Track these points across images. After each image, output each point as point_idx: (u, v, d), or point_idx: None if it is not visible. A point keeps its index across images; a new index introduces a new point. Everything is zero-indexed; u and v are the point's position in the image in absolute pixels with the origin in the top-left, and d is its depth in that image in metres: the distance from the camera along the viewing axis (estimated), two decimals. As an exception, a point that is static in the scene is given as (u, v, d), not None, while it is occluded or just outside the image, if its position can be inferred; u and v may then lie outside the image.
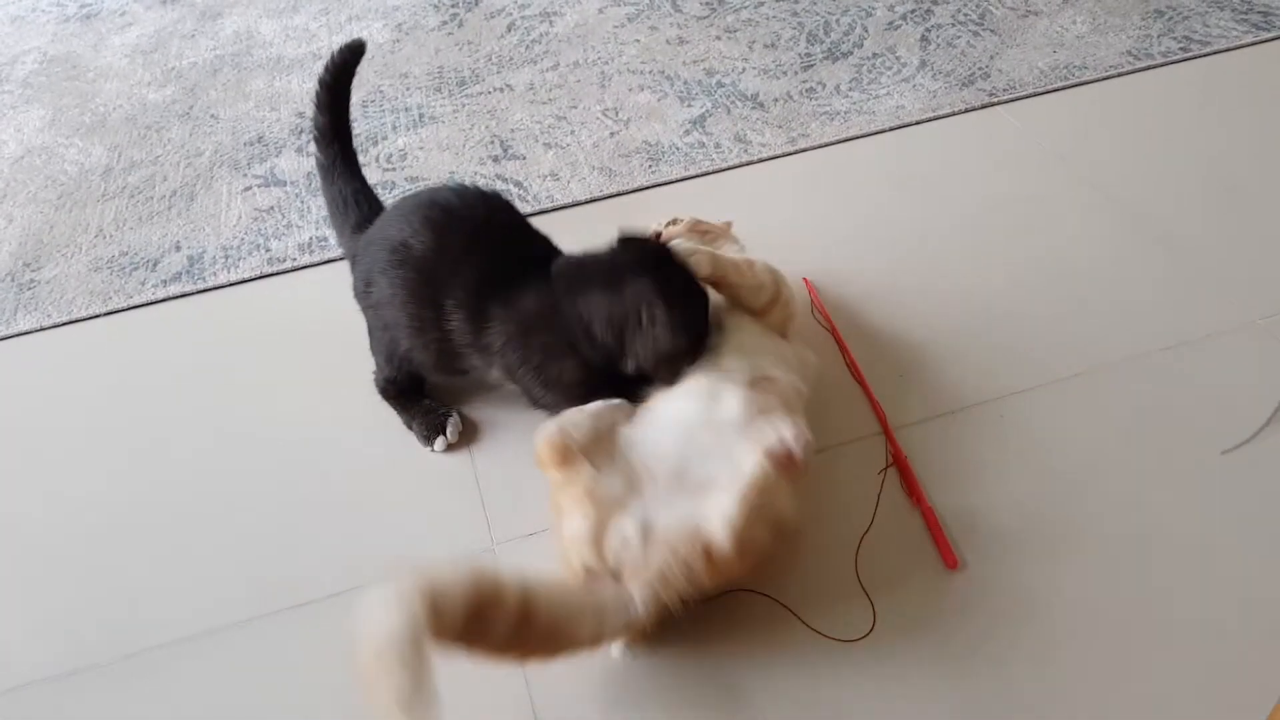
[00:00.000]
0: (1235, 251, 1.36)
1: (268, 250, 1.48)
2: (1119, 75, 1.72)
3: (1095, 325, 1.27)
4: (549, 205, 1.52)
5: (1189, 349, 1.23)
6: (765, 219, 1.46)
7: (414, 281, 1.07)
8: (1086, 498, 1.08)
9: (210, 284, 1.43)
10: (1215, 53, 1.75)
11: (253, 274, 1.44)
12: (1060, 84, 1.70)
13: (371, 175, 1.60)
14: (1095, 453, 1.12)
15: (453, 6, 2.08)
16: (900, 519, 1.07)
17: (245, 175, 1.64)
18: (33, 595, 1.09)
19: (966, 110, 1.67)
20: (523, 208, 1.51)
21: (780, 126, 1.65)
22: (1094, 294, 1.31)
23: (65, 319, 1.40)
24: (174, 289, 1.43)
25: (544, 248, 1.12)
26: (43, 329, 1.39)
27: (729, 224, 1.33)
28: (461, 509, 1.11)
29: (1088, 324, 1.27)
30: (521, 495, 1.12)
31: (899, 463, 1.12)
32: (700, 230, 1.27)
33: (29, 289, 1.45)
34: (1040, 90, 1.69)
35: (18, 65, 2.00)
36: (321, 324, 1.36)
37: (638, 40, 1.89)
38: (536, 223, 1.15)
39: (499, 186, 1.56)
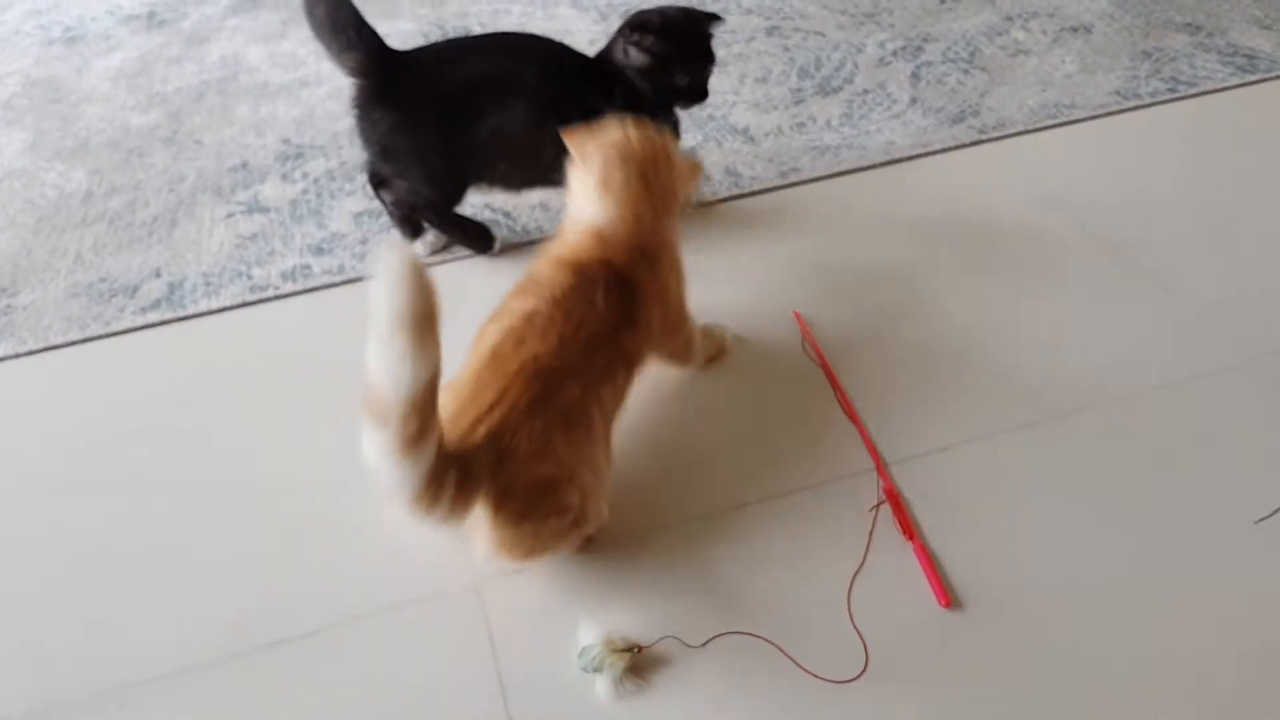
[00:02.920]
0: (1224, 290, 1.35)
1: (250, 278, 1.45)
2: (1107, 114, 1.73)
3: (1087, 363, 1.26)
4: (537, 236, 1.51)
5: (1181, 388, 1.22)
6: (755, 252, 1.46)
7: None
8: (1082, 538, 1.06)
9: (190, 311, 1.40)
10: (1202, 94, 1.77)
11: (234, 302, 1.41)
12: (1049, 122, 1.71)
13: (356, 204, 1.59)
14: (1091, 492, 1.11)
15: (442, 36, 2.07)
16: (893, 557, 1.05)
17: (228, 202, 1.62)
18: (3, 628, 1.05)
19: (957, 147, 1.67)
20: (510, 238, 1.50)
21: (771, 160, 1.64)
22: (1084, 332, 1.31)
23: (41, 346, 1.37)
24: (153, 316, 1.40)
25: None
26: (17, 356, 1.36)
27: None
28: (443, 542, 1.08)
29: (1079, 361, 1.27)
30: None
31: (891, 499, 1.10)
32: None
33: (4, 315, 1.42)
34: (1030, 128, 1.70)
35: (0, 87, 1.98)
36: (303, 353, 1.34)
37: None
38: (525, 253, 1.22)
39: (486, 216, 1.54)
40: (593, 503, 1.02)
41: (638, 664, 0.97)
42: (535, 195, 1.57)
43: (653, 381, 1.26)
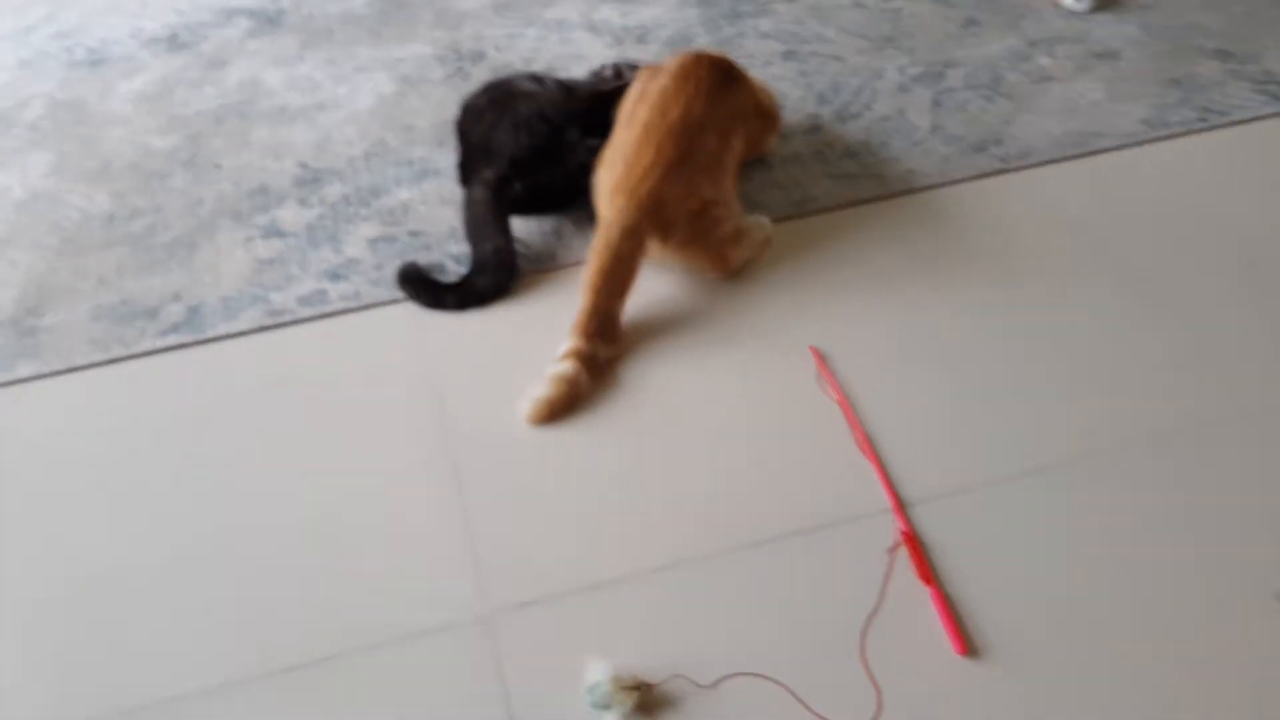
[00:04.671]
0: (1256, 330, 1.33)
1: (268, 302, 1.46)
2: (1135, 144, 1.71)
3: (1111, 403, 1.25)
4: (550, 265, 1.51)
5: (1209, 430, 1.20)
6: (769, 283, 1.45)
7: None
8: (1105, 588, 1.04)
9: (209, 335, 1.41)
10: (1234, 123, 1.74)
11: (252, 326, 1.42)
12: (1074, 151, 1.69)
13: (372, 230, 1.59)
14: (1114, 539, 1.09)
15: (457, 60, 2.08)
16: (909, 601, 1.04)
17: (246, 225, 1.62)
18: (25, 645, 1.07)
19: (979, 176, 1.65)
20: (544, 264, 1.50)
21: (784, 188, 1.63)
22: (1109, 370, 1.29)
23: (65, 367, 1.38)
24: (172, 339, 1.41)
25: None
26: (42, 376, 1.38)
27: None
28: (451, 570, 1.09)
29: (1103, 401, 1.25)
30: (523, 556, 1.11)
31: (908, 542, 1.09)
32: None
33: (30, 335, 1.44)
34: (1054, 158, 1.68)
35: (25, 110, 2.00)
36: (319, 379, 1.35)
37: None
38: (542, 279, 1.44)
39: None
40: (739, 219, 1.42)
41: (646, 702, 0.97)
42: (550, 223, 1.57)
43: (669, 415, 1.26)
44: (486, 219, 1.47)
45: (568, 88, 1.54)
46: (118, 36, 2.27)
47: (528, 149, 1.48)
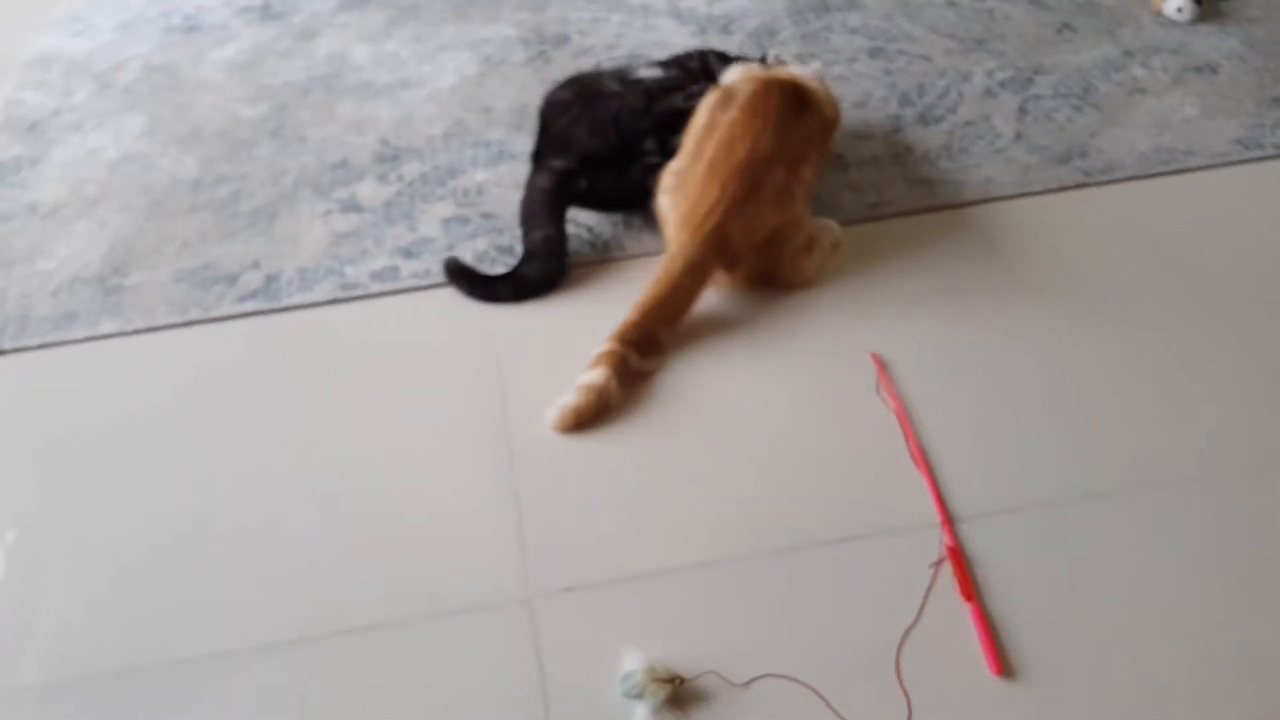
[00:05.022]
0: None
1: (342, 275, 1.49)
2: (1227, 164, 1.65)
3: (1177, 434, 1.21)
4: (619, 254, 1.52)
5: (1274, 470, 1.17)
6: (834, 286, 1.44)
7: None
8: (1151, 622, 1.02)
9: (284, 304, 1.45)
10: (1336, 146, 1.67)
11: (325, 298, 1.46)
12: (1162, 168, 1.64)
13: (446, 209, 1.62)
14: (1167, 573, 1.07)
15: (540, 43, 2.09)
16: (949, 617, 1.03)
17: (327, 198, 1.66)
18: (90, 594, 1.12)
19: (1060, 189, 1.62)
20: (588, 254, 1.52)
21: (859, 190, 1.62)
22: (1179, 400, 1.25)
23: (145, 326, 1.44)
24: (249, 306, 1.45)
25: None
26: (124, 334, 1.43)
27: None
28: (498, 550, 1.11)
29: (1168, 431, 1.22)
30: (569, 542, 1.12)
31: (953, 558, 1.08)
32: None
33: (115, 294, 1.49)
34: (1140, 174, 1.63)
35: (121, 71, 2.07)
36: (386, 354, 1.38)
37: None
38: (607, 269, 1.49)
39: (569, 229, 1.55)
40: (809, 228, 1.42)
41: (678, 695, 0.98)
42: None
43: (723, 413, 1.27)
44: (543, 206, 1.48)
45: (651, 95, 1.53)
46: (212, 4, 2.33)
47: (599, 150, 1.48)
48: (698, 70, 1.65)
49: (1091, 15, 2.07)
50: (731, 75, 1.52)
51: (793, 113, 1.40)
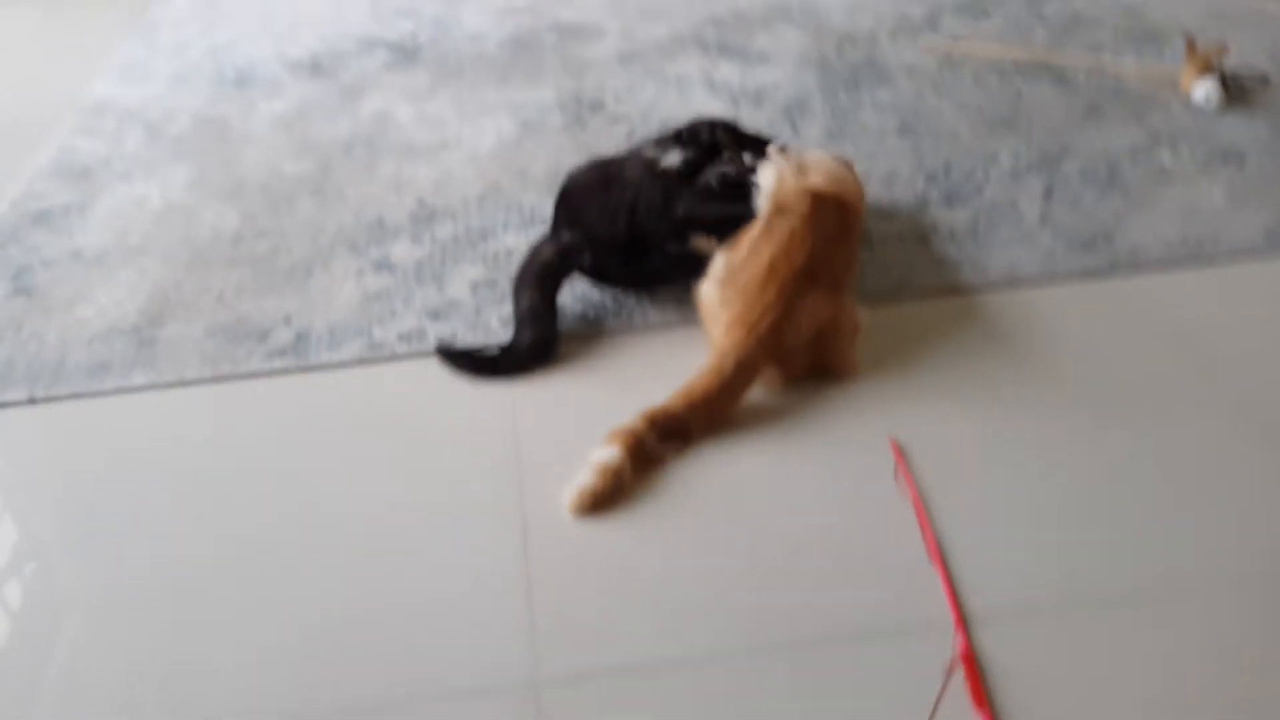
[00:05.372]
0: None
1: (370, 336, 1.53)
2: (1254, 257, 1.65)
3: (1197, 538, 1.20)
4: (641, 325, 1.54)
5: None
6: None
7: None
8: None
9: (313, 363, 1.48)
10: (1361, 241, 1.67)
11: (353, 358, 1.49)
12: (1188, 258, 1.64)
13: (475, 272, 1.66)
14: (1188, 688, 1.04)
15: (577, 108, 2.14)
16: (960, 723, 1.02)
17: (361, 257, 1.70)
18: (93, 649, 1.13)
19: (1084, 276, 1.62)
20: (612, 324, 1.54)
21: (883, 269, 1.63)
22: (1200, 500, 1.24)
23: (176, 380, 1.47)
24: (278, 364, 1.49)
25: None
26: (155, 387, 1.46)
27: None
28: (506, 631, 1.12)
29: (1188, 535, 1.20)
30: (578, 625, 1.12)
31: (967, 664, 1.06)
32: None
33: (149, 345, 1.53)
34: (1165, 263, 1.64)
35: (172, 122, 2.14)
36: (409, 417, 1.40)
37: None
38: (634, 340, 1.52)
39: (596, 298, 1.58)
40: (855, 318, 1.46)
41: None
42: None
43: (738, 498, 1.27)
44: (536, 275, 1.52)
45: (674, 192, 1.54)
46: (264, 57, 2.41)
47: (607, 235, 1.51)
48: (708, 143, 1.70)
49: (1119, 99, 2.09)
50: (767, 178, 1.54)
51: (844, 226, 1.48)
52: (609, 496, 1.26)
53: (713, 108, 2.12)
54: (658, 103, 2.15)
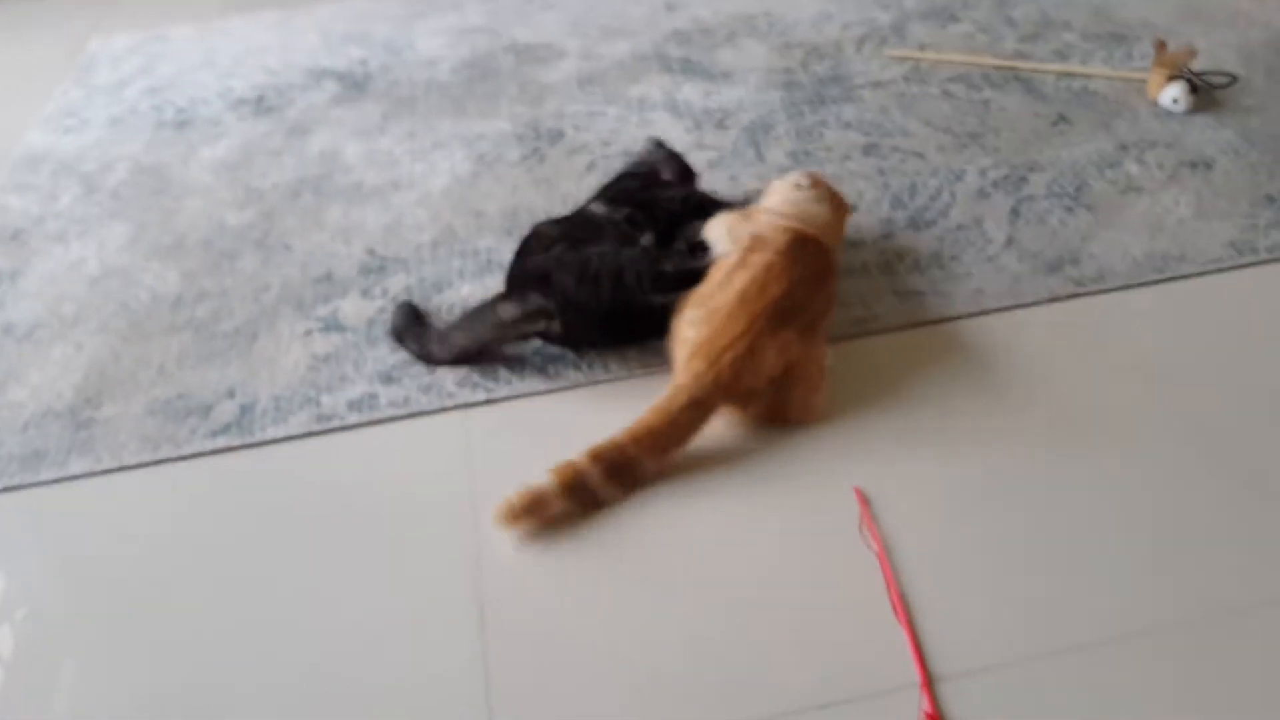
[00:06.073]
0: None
1: (318, 405, 1.47)
2: (1219, 270, 1.62)
3: (1162, 574, 1.17)
4: (603, 377, 1.49)
5: (1258, 616, 1.12)
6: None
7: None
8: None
9: (258, 439, 1.42)
10: (1329, 250, 1.64)
11: (300, 431, 1.43)
12: (1154, 276, 1.61)
13: (430, 328, 1.59)
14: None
15: (535, 139, 2.08)
16: (932, 801, 0.99)
17: (308, 317, 1.64)
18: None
19: (1050, 300, 1.58)
20: (574, 376, 1.49)
21: (845, 304, 1.59)
22: (1168, 537, 1.21)
23: (115, 465, 1.40)
24: (221, 441, 1.42)
25: None
26: (93, 474, 1.40)
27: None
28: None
29: (1153, 571, 1.17)
30: (539, 704, 1.08)
31: (934, 729, 1.04)
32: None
33: (86, 428, 1.46)
34: (1130, 283, 1.60)
35: (110, 173, 2.06)
36: (358, 492, 1.35)
37: (716, 191, 1.85)
38: (599, 391, 1.47)
39: (554, 353, 1.53)
40: (823, 364, 1.40)
41: None
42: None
43: (698, 556, 1.23)
44: (490, 334, 1.50)
45: (653, 255, 1.51)
46: (207, 96, 2.33)
47: (586, 302, 1.45)
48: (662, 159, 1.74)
49: (1087, 106, 2.05)
50: (714, 232, 1.51)
51: (825, 268, 1.45)
52: (526, 514, 1.24)
53: (675, 132, 2.06)
54: (619, 130, 2.09)
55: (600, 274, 1.45)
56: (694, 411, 1.31)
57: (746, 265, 1.38)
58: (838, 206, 1.58)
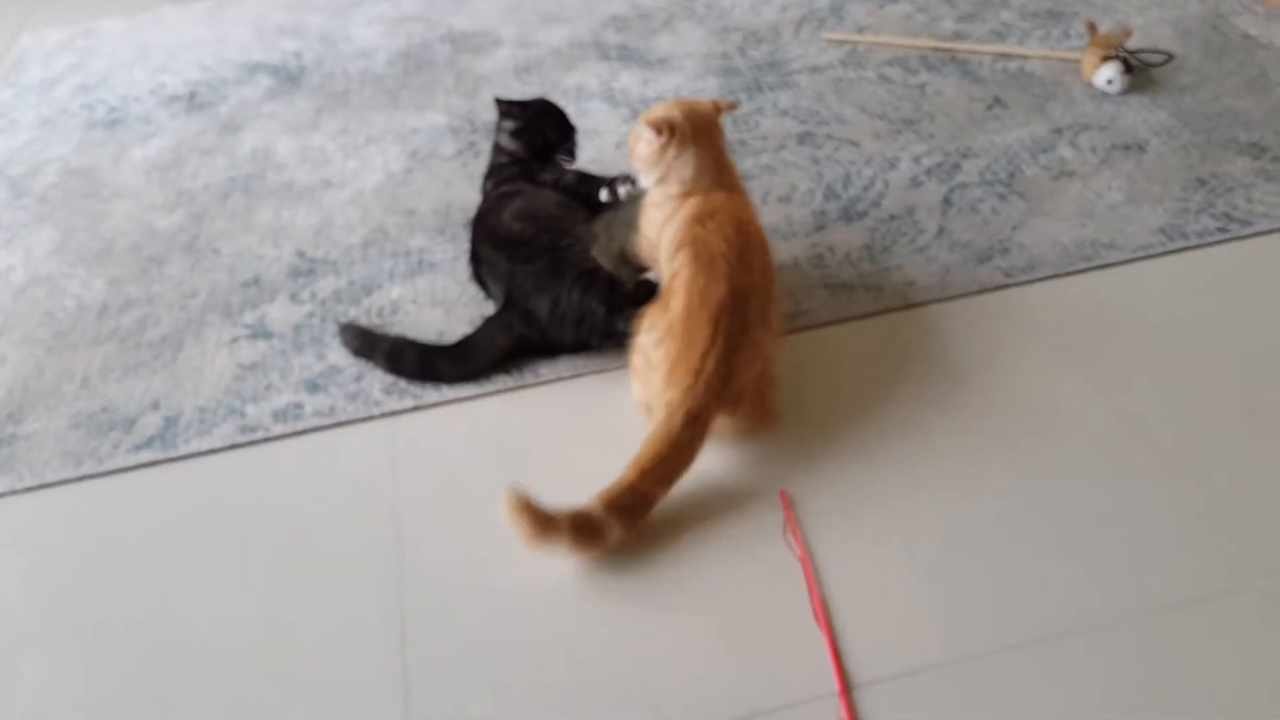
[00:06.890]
0: (1239, 488, 1.25)
1: (242, 416, 1.46)
2: (1147, 257, 1.63)
3: (1085, 570, 1.18)
4: (532, 381, 1.48)
5: (1205, 608, 1.13)
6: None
7: None
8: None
9: (181, 452, 1.41)
10: (1257, 234, 1.65)
11: (224, 443, 1.42)
12: (1083, 265, 1.61)
13: (356, 336, 1.58)
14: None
15: (471, 133, 2.06)
16: (843, 807, 1.00)
17: (235, 324, 1.62)
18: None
19: (979, 291, 1.59)
20: (504, 380, 1.48)
21: (778, 300, 1.58)
22: (1090, 535, 1.22)
23: (37, 483, 1.39)
24: (144, 456, 1.41)
25: None
26: (14, 492, 1.39)
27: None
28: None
29: (1076, 567, 1.18)
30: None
31: (848, 737, 1.05)
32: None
33: (7, 444, 1.45)
34: (1060, 271, 1.61)
35: (38, 177, 2.03)
36: (282, 505, 1.34)
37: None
38: (529, 395, 1.48)
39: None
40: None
41: None
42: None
43: (626, 567, 1.23)
44: (494, 359, 1.50)
45: (611, 280, 1.49)
46: (139, 93, 2.29)
47: (560, 341, 1.50)
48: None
49: (1023, 89, 2.05)
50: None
51: (758, 245, 1.39)
52: (529, 516, 1.18)
53: (611, 123, 2.05)
54: (554, 120, 2.06)
55: (566, 317, 1.46)
56: (694, 427, 1.25)
57: (679, 272, 1.33)
58: (706, 113, 1.47)
